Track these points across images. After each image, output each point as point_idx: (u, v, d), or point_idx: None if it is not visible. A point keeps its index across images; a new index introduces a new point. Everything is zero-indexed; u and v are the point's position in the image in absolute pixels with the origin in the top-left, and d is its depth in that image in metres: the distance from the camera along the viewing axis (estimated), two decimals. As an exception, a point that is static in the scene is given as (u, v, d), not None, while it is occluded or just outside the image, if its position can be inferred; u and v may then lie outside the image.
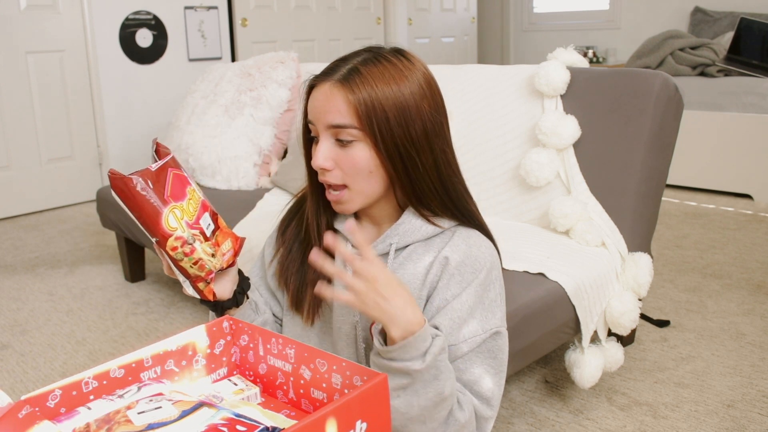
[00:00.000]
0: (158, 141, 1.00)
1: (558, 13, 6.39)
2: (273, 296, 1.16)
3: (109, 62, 4.03)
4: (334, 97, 0.97)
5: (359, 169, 0.98)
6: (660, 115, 1.84)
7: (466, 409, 0.95)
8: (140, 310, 2.52)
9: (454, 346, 0.98)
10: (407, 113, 0.98)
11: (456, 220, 1.06)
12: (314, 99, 1.00)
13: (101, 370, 0.80)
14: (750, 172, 3.75)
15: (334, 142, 0.99)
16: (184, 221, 0.94)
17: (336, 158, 0.99)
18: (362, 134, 0.97)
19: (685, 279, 2.64)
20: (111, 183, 0.91)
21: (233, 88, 2.78)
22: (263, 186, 2.66)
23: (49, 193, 4.00)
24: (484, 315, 1.00)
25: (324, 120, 0.98)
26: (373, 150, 0.98)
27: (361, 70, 0.97)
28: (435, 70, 2.27)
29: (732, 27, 4.50)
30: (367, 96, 0.96)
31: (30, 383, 2.02)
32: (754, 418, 1.72)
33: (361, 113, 0.96)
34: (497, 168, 2.01)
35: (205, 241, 0.97)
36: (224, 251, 1.01)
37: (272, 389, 0.89)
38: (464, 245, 1.02)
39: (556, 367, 2.00)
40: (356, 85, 0.96)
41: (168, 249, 0.94)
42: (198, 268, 0.96)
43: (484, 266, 1.01)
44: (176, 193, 0.94)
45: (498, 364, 1.00)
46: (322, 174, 1.01)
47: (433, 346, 0.88)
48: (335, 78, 0.97)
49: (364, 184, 1.00)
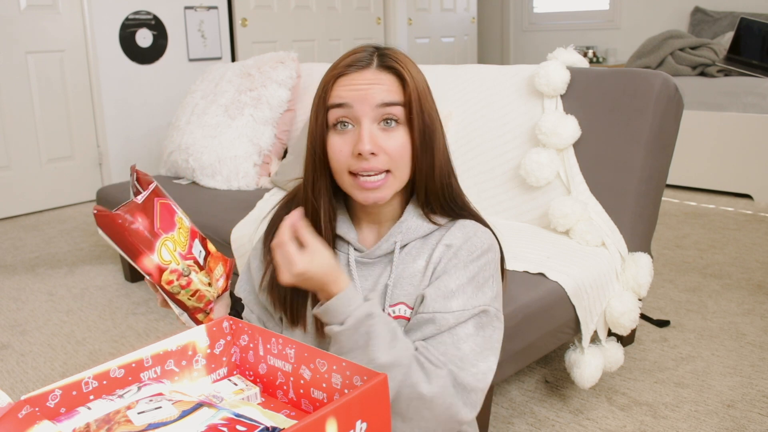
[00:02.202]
0: (137, 168, 0.96)
1: (558, 13, 6.39)
2: (265, 310, 1.13)
3: (109, 62, 4.03)
4: (381, 80, 0.98)
5: (402, 152, 0.99)
6: (660, 115, 1.84)
7: (435, 383, 0.92)
8: (140, 310, 2.52)
9: (440, 314, 0.97)
10: (430, 101, 1.02)
11: (453, 215, 1.07)
12: (353, 84, 0.97)
13: (101, 370, 0.80)
14: (750, 172, 3.75)
15: (377, 126, 0.98)
16: (177, 253, 0.91)
17: (380, 143, 0.97)
18: (406, 116, 0.98)
19: (685, 279, 2.64)
20: (97, 221, 0.87)
21: (233, 88, 2.78)
22: (263, 186, 2.66)
23: (49, 193, 4.00)
24: (474, 292, 1.00)
25: (372, 99, 0.96)
26: (409, 135, 0.99)
27: (395, 57, 1.00)
28: (435, 70, 2.28)
29: (732, 27, 4.50)
30: (409, 79, 0.98)
31: (30, 383, 2.02)
32: (754, 418, 1.72)
33: (407, 94, 0.98)
34: (497, 168, 2.01)
35: (200, 271, 0.95)
36: (217, 277, 0.99)
37: (272, 389, 0.89)
38: (461, 233, 1.04)
39: (556, 367, 2.00)
40: (398, 70, 0.98)
41: (163, 284, 0.91)
42: (196, 299, 0.95)
43: (480, 247, 1.02)
44: (165, 224, 0.91)
45: (484, 342, 0.98)
46: (365, 161, 0.97)
47: (358, 310, 0.91)
48: (374, 65, 0.99)
49: (405, 170, 1.01)
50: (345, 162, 0.98)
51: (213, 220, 2.24)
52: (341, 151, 0.98)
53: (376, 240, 1.08)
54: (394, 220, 1.07)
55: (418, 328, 0.99)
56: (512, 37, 6.69)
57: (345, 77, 0.98)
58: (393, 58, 1.00)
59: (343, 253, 1.07)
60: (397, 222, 1.05)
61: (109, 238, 0.88)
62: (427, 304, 0.99)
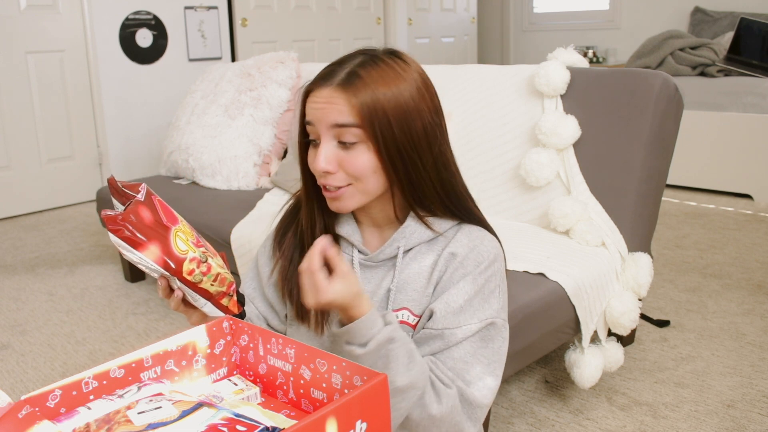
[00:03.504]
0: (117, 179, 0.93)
1: (558, 13, 6.39)
2: (270, 308, 1.14)
3: (109, 62, 4.03)
4: (336, 100, 0.96)
5: (362, 170, 0.98)
6: (660, 115, 1.84)
7: (445, 403, 0.94)
8: (140, 310, 2.52)
9: (449, 330, 0.98)
10: (407, 115, 0.97)
11: (457, 219, 1.06)
12: (314, 101, 0.98)
13: (101, 370, 0.80)
14: (750, 172, 3.75)
15: (336, 144, 0.97)
16: (190, 242, 0.91)
17: (339, 160, 0.97)
18: (365, 135, 0.96)
19: (685, 279, 2.64)
20: (107, 225, 0.85)
21: (233, 88, 2.78)
22: (263, 186, 2.66)
23: (49, 193, 4.01)
24: (481, 305, 1.00)
25: (326, 120, 0.96)
26: (374, 152, 0.97)
27: (360, 73, 0.96)
28: (435, 70, 2.28)
29: (732, 27, 4.50)
30: (369, 99, 0.95)
31: (30, 383, 2.02)
32: (754, 418, 1.72)
33: (363, 115, 0.95)
34: (497, 168, 2.01)
35: (215, 255, 0.95)
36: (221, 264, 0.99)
37: (272, 389, 0.89)
38: (467, 240, 1.03)
39: (556, 367, 2.00)
40: (357, 88, 0.95)
41: (185, 275, 0.90)
42: (219, 283, 0.94)
43: (487, 258, 1.02)
44: (170, 217, 0.90)
45: (491, 354, 1.00)
46: (323, 177, 0.99)
47: (380, 334, 0.91)
48: (335, 82, 0.96)
49: (371, 183, 1.00)
50: (315, 176, 1.02)
51: (213, 220, 2.24)
52: (311, 164, 1.00)
53: (379, 243, 1.08)
54: (394, 223, 1.07)
55: (426, 343, 1.00)
56: (512, 37, 6.69)
57: (312, 93, 0.99)
58: (358, 76, 0.96)
59: (347, 255, 1.07)
60: (400, 226, 1.05)
61: (122, 241, 0.86)
62: (436, 320, 0.99)
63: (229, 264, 1.06)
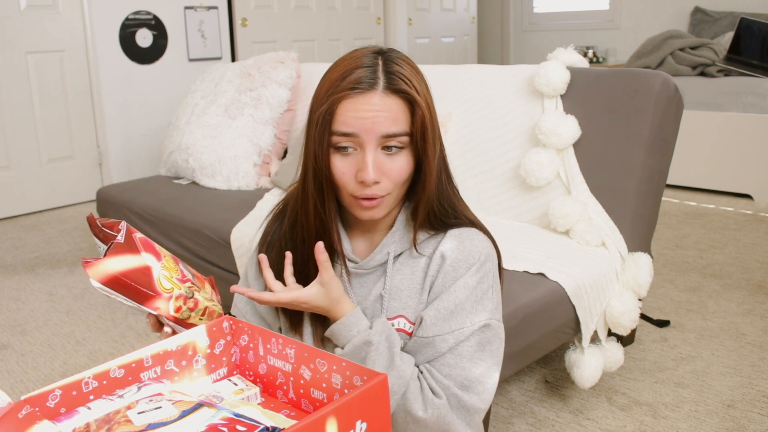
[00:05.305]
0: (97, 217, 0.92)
1: (558, 13, 6.39)
2: (262, 320, 1.12)
3: (109, 62, 4.03)
4: (388, 106, 0.92)
5: (404, 177, 0.97)
6: (660, 115, 1.84)
7: (430, 413, 0.94)
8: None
9: (440, 338, 0.97)
10: (435, 118, 0.98)
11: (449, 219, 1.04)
12: (359, 109, 0.92)
13: (101, 370, 0.80)
14: (750, 172, 3.75)
15: (380, 151, 0.94)
16: (175, 278, 0.90)
17: (383, 168, 0.95)
18: (409, 141, 0.95)
19: (685, 279, 2.64)
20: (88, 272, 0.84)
21: (233, 88, 2.78)
22: (263, 186, 2.66)
23: (49, 193, 4.00)
24: (474, 307, 0.98)
25: (377, 130, 0.92)
26: (413, 157, 0.97)
27: (404, 74, 0.94)
28: (435, 70, 2.28)
29: (732, 27, 4.50)
30: (420, 100, 0.94)
31: (30, 383, 2.02)
32: (754, 418, 1.72)
33: (415, 123, 0.94)
34: (497, 168, 2.01)
35: (201, 289, 0.94)
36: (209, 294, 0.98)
37: (272, 389, 0.89)
38: (457, 241, 1.01)
39: (556, 367, 2.00)
40: (404, 92, 0.93)
41: (172, 313, 0.89)
42: (207, 317, 0.93)
43: (478, 259, 1.00)
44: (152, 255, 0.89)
45: (487, 356, 0.98)
46: (366, 187, 0.94)
47: (357, 337, 0.96)
48: (380, 86, 0.93)
49: (402, 189, 0.99)
50: (349, 185, 0.96)
51: (213, 220, 2.24)
52: (344, 174, 0.95)
53: (368, 250, 1.06)
54: (388, 230, 1.05)
55: (417, 351, 0.99)
56: (512, 37, 6.69)
57: (349, 100, 0.92)
58: (400, 77, 0.93)
59: (337, 264, 1.05)
60: (389, 232, 1.03)
61: (105, 286, 0.85)
62: (426, 327, 0.98)
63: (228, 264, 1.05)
